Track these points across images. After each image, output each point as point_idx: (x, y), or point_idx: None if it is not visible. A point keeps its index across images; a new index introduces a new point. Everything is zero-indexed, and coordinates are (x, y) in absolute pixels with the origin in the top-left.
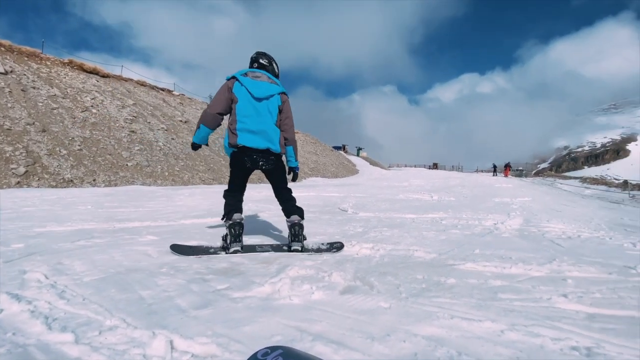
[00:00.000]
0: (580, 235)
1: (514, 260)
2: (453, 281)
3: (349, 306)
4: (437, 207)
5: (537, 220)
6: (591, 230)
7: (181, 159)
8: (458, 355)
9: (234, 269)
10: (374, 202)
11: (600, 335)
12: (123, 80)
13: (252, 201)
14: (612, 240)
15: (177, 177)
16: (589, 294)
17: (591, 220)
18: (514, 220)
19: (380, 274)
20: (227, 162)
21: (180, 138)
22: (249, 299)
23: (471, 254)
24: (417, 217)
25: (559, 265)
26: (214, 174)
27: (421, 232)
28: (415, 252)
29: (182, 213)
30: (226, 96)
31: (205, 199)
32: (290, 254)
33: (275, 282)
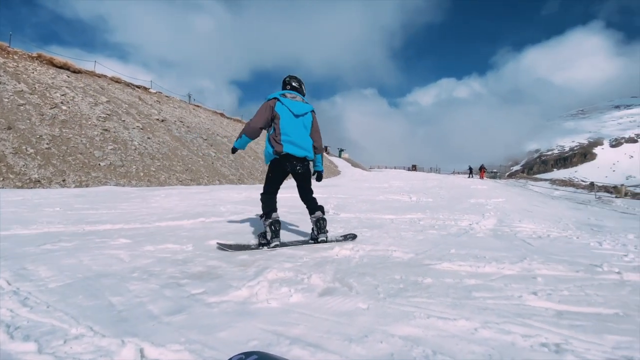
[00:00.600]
0: (550, 234)
1: (488, 259)
2: (430, 281)
3: (327, 308)
4: (416, 208)
5: (509, 221)
6: (560, 230)
7: (157, 159)
8: (433, 354)
9: (210, 272)
10: (355, 203)
11: (568, 332)
12: (96, 77)
13: (231, 202)
14: (579, 239)
15: (153, 178)
16: (557, 291)
17: (560, 220)
18: (488, 221)
19: (359, 274)
20: (205, 162)
21: (157, 137)
22: (225, 303)
23: (447, 254)
24: (396, 218)
25: (530, 264)
26: (191, 174)
27: (400, 233)
28: (393, 253)
29: (157, 215)
30: (268, 113)
31: (182, 200)
32: (270, 255)
33: (253, 285)
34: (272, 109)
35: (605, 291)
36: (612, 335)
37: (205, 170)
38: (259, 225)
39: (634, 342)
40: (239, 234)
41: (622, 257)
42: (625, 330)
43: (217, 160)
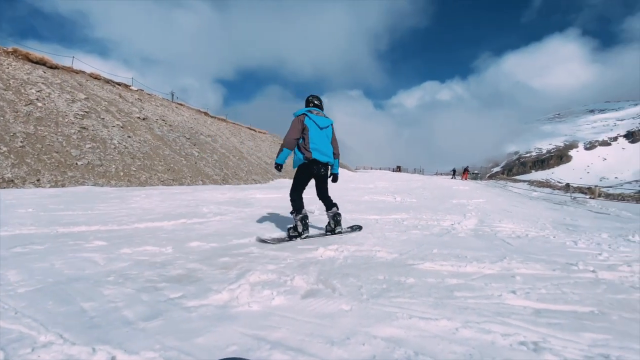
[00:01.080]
0: (528, 234)
1: (469, 259)
2: (412, 281)
3: (310, 310)
4: (400, 208)
5: (490, 221)
6: (537, 230)
7: (138, 158)
8: (415, 355)
9: (190, 275)
10: (340, 204)
11: (546, 330)
12: (74, 73)
13: (214, 203)
14: (555, 238)
15: (134, 178)
16: (535, 290)
17: (538, 220)
18: (470, 221)
19: (343, 275)
20: (188, 162)
21: (137, 136)
22: (204, 307)
23: (430, 254)
24: (380, 218)
25: (509, 263)
26: (174, 174)
27: (384, 233)
28: (377, 253)
29: (136, 216)
30: (300, 126)
31: (163, 200)
32: (253, 257)
33: (234, 288)
34: (302, 123)
35: (581, 289)
36: (589, 333)
37: (188, 170)
38: (243, 226)
39: (609, 339)
40: (221, 235)
41: (597, 255)
42: (600, 327)
43: (200, 160)
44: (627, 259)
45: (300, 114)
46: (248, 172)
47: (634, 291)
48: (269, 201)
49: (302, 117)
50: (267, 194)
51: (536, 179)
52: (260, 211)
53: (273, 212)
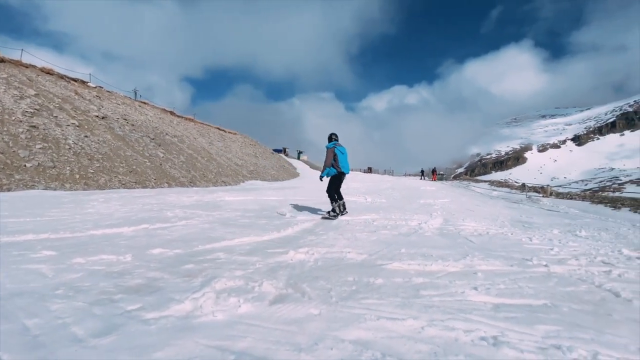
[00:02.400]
0: (489, 232)
1: (435, 257)
2: (381, 281)
3: (278, 317)
4: (370, 208)
5: (454, 220)
6: (497, 228)
7: (96, 160)
8: (382, 357)
9: (150, 285)
10: (313, 206)
11: (504, 324)
12: (23, 67)
13: (180, 207)
14: (513, 235)
15: (91, 181)
16: (495, 285)
17: (497, 219)
18: (436, 220)
19: (313, 278)
20: (152, 164)
21: (96, 136)
22: (164, 319)
23: (398, 254)
24: (351, 219)
25: (472, 260)
26: (136, 176)
27: (354, 234)
28: (348, 254)
29: (92, 222)
30: (332, 154)
31: (124, 205)
32: (220, 263)
33: (198, 297)
34: (334, 152)
35: (535, 283)
36: (542, 325)
37: (152, 172)
38: (210, 230)
39: (561, 331)
40: (186, 241)
41: (549, 250)
42: (553, 319)
43: (165, 161)
44: (575, 253)
45: (331, 146)
46: (217, 174)
47: (581, 283)
48: (240, 204)
49: (333, 148)
50: (237, 196)
51: (496, 179)
52: (230, 214)
53: (243, 215)
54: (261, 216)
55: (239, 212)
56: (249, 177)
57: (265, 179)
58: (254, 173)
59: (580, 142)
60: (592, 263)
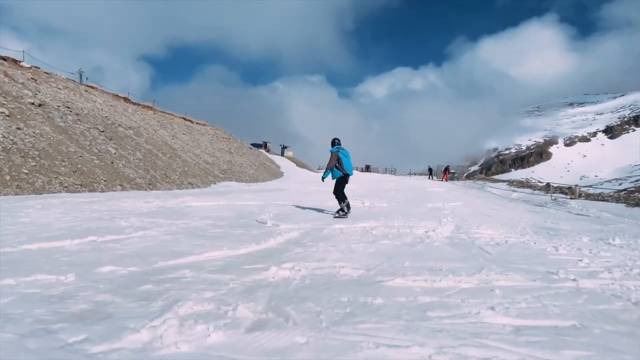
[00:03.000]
0: (508, 240)
1: (444, 272)
2: (380, 301)
3: (256, 347)
4: (369, 214)
5: (467, 226)
6: (517, 235)
7: (32, 157)
8: None
9: (98, 311)
10: (299, 211)
11: (526, 350)
12: None
13: (136, 214)
14: (536, 244)
15: (25, 183)
16: (515, 304)
17: (517, 225)
18: (445, 227)
19: (299, 300)
20: (102, 162)
21: (31, 128)
22: (115, 352)
23: (401, 268)
24: (346, 228)
25: (488, 275)
26: (82, 178)
27: (349, 245)
28: (341, 270)
29: (26, 234)
30: (336, 158)
31: (66, 212)
32: (185, 283)
33: (158, 325)
34: (337, 156)
35: (561, 301)
36: (570, 350)
37: (102, 172)
38: (173, 243)
39: (592, 356)
40: (144, 256)
41: (577, 262)
42: (582, 343)
43: (119, 158)
44: (608, 265)
45: (335, 150)
46: (183, 174)
47: (615, 300)
48: (210, 210)
49: (337, 152)
50: (208, 201)
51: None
52: (198, 223)
53: (215, 224)
54: (237, 225)
55: (210, 221)
56: (222, 178)
57: (242, 180)
58: (227, 173)
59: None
60: (628, 276)
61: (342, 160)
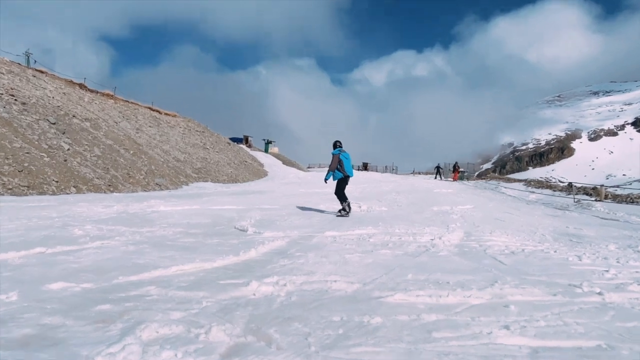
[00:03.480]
0: (525, 249)
1: (452, 285)
2: (379, 320)
3: None
4: (366, 220)
5: (478, 233)
6: (535, 243)
7: None
8: None
9: (45, 336)
10: (286, 217)
11: None
12: None
13: (93, 221)
14: (557, 253)
15: None
16: (532, 322)
17: (536, 231)
18: (454, 234)
19: (284, 320)
20: (53, 159)
21: None
22: None
23: (403, 281)
24: (339, 235)
25: (501, 289)
26: (30, 178)
27: (343, 256)
28: (333, 284)
29: None
30: (337, 160)
31: (10, 219)
32: (150, 302)
33: (116, 352)
34: (339, 158)
35: (585, 318)
36: None
37: (54, 171)
38: (137, 255)
39: None
40: (102, 271)
41: (603, 273)
42: None
43: (73, 155)
44: (638, 276)
45: (337, 153)
46: (149, 174)
47: None
48: (181, 216)
49: (338, 155)
50: (178, 206)
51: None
52: (166, 232)
53: (186, 232)
54: (212, 233)
55: (180, 228)
56: (195, 178)
57: (219, 180)
58: (202, 172)
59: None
60: None
61: (343, 163)
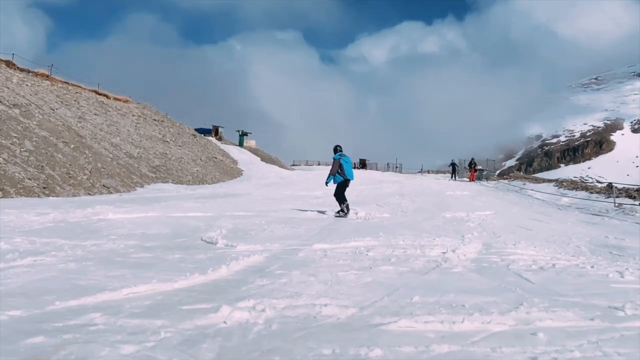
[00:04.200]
0: (556, 264)
1: (468, 309)
2: (379, 353)
3: None
4: (363, 229)
5: (500, 245)
6: (569, 256)
7: None
8: None
9: None
10: (265, 226)
11: None
12: None
13: (22, 233)
14: (594, 268)
15: None
16: (565, 352)
17: (569, 242)
18: (470, 246)
19: (262, 354)
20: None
21: None
22: None
23: (408, 304)
24: (331, 248)
25: (528, 313)
26: None
27: (336, 274)
28: (323, 309)
29: None
30: (339, 164)
31: None
32: (95, 332)
33: None
34: (339, 162)
35: (629, 347)
36: None
37: (18, 171)
38: (79, 274)
39: None
40: (35, 294)
41: None
42: None
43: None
44: None
45: (337, 157)
46: (94, 173)
47: None
48: (134, 226)
49: (339, 159)
50: (131, 213)
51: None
52: (116, 245)
53: (141, 245)
54: (173, 247)
55: (133, 241)
56: (153, 179)
57: (182, 181)
58: (161, 171)
59: None
60: None
61: (343, 167)
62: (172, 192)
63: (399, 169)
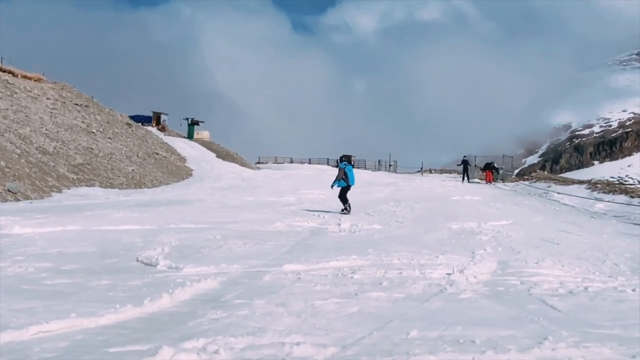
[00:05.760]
0: (588, 287)
1: (479, 346)
2: None
3: None
4: (347, 245)
5: (519, 264)
6: (605, 277)
7: None
8: None
9: None
10: (221, 242)
11: None
12: None
13: None
14: (636, 292)
15: None
16: None
17: (605, 259)
18: (482, 266)
19: None
20: None
21: None
22: None
23: (404, 341)
24: (305, 270)
25: (554, 349)
26: None
27: (312, 303)
28: (295, 349)
29: None
30: (344, 172)
31: None
32: None
33: None
34: (345, 170)
35: None
36: None
37: None
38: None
39: None
40: None
41: None
42: None
43: None
44: None
45: (343, 167)
46: (52, 170)
47: None
48: (49, 243)
49: (344, 169)
50: (43, 226)
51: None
52: (22, 269)
53: (56, 268)
54: (100, 270)
55: (47, 263)
56: (75, 180)
57: (113, 184)
58: (85, 171)
59: None
60: None
61: (348, 175)
62: (99, 198)
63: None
